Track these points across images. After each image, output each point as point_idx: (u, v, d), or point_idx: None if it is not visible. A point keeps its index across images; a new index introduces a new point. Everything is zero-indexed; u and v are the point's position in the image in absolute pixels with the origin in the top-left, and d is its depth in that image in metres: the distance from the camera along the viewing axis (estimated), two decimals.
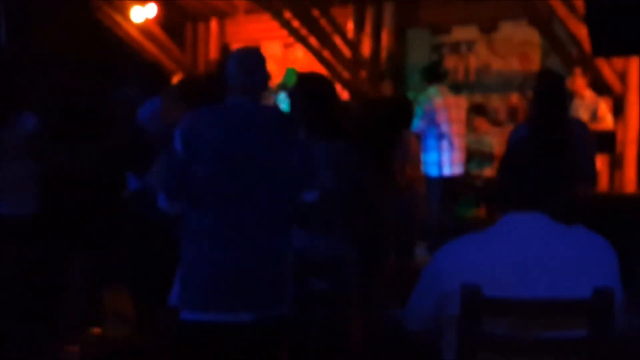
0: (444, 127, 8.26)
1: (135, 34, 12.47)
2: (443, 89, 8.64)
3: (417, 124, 8.28)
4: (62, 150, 4.22)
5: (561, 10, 8.59)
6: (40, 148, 4.34)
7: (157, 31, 12.71)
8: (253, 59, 3.52)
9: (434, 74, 8.68)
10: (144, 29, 12.49)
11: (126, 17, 12.33)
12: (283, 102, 9.21)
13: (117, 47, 12.08)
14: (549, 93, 5.02)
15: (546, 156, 2.41)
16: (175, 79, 10.86)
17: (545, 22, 9.17)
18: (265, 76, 3.51)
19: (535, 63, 9.78)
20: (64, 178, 4.20)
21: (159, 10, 12.50)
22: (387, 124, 5.70)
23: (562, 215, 2.43)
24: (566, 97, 5.20)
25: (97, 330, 4.47)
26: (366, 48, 11.23)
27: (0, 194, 4.33)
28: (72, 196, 4.20)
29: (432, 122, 8.21)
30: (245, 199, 3.27)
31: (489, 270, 2.30)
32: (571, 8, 8.52)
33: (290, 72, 10.10)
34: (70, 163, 4.20)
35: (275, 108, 3.58)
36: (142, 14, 12.27)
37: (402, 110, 5.88)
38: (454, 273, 2.34)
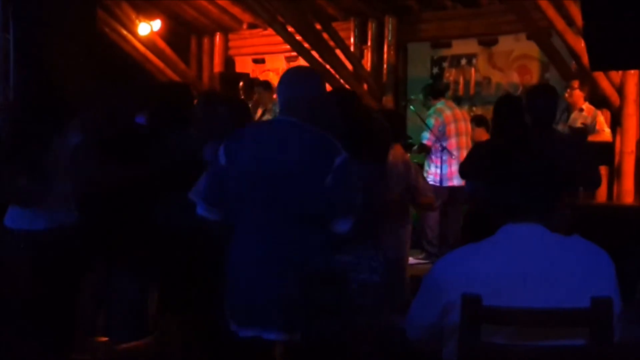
0: (453, 140, 8.40)
1: (141, 48, 12.61)
2: (450, 103, 8.80)
3: (426, 137, 8.43)
4: (108, 166, 4.30)
5: (560, 24, 8.71)
6: (82, 163, 4.40)
7: (162, 45, 12.84)
8: (299, 77, 3.52)
9: (439, 90, 8.84)
10: (149, 43, 12.62)
11: (132, 32, 12.47)
12: None
13: (123, 61, 12.21)
14: (506, 113, 5.23)
15: (539, 168, 2.48)
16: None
17: (544, 36, 9.31)
18: (311, 94, 3.45)
19: (534, 76, 9.91)
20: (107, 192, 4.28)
21: (164, 25, 12.64)
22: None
23: (559, 226, 2.50)
24: (522, 116, 5.31)
25: (104, 338, 4.54)
26: (368, 62, 11.36)
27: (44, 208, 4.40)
28: (111, 210, 4.28)
29: (443, 135, 8.36)
30: (274, 214, 3.31)
31: (489, 280, 2.36)
32: (569, 22, 8.64)
33: None
34: (115, 179, 4.29)
35: (317, 129, 3.55)
36: (147, 28, 12.41)
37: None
38: (453, 283, 2.39)
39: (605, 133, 8.33)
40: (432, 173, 8.34)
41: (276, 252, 3.30)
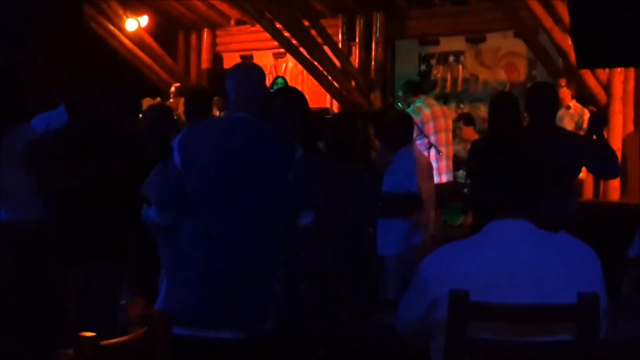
0: (432, 138, 8.40)
1: (128, 43, 12.56)
2: (430, 100, 8.80)
3: None
4: (73, 162, 4.27)
5: (547, 21, 8.74)
6: (32, 159, 4.38)
7: (150, 41, 12.80)
8: (251, 74, 3.53)
9: (419, 87, 8.84)
10: (136, 38, 12.58)
11: (119, 27, 12.43)
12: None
13: (110, 56, 12.18)
14: (502, 110, 5.27)
15: (524, 163, 2.49)
16: (173, 89, 10.99)
17: (531, 34, 9.35)
18: (264, 91, 3.51)
19: (521, 74, 9.95)
20: (76, 188, 4.25)
21: (152, 21, 12.60)
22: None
23: (546, 222, 2.51)
24: (519, 114, 5.34)
25: (90, 333, 4.51)
26: (356, 59, 11.37)
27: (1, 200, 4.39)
28: (83, 205, 4.26)
29: (421, 134, 8.36)
30: (237, 213, 3.26)
31: (476, 276, 2.37)
32: (557, 20, 8.67)
33: (279, 80, 10.20)
34: (80, 175, 4.26)
35: (274, 125, 3.56)
36: (135, 24, 12.37)
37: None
38: (441, 279, 2.40)
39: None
40: None
41: (232, 253, 3.23)
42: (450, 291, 2.35)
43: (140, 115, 6.57)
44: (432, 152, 8.29)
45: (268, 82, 11.08)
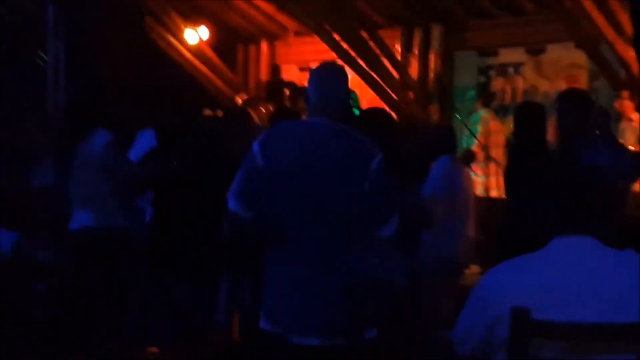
0: (494, 151, 8.37)
1: (188, 55, 12.73)
2: (492, 114, 8.77)
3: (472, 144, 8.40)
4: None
5: (609, 33, 8.62)
6: (110, 164, 4.50)
7: (209, 53, 12.95)
8: (331, 76, 3.42)
9: (488, 97, 8.81)
10: (196, 50, 12.74)
11: (180, 39, 12.60)
12: None
13: (171, 68, 12.35)
14: (527, 122, 5.13)
15: (590, 180, 2.46)
16: (240, 100, 11.10)
17: (592, 45, 9.21)
18: (344, 94, 3.40)
19: (582, 85, 9.80)
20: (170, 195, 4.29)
21: (211, 33, 12.75)
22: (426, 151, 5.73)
23: (612, 238, 2.46)
24: (544, 125, 5.17)
25: (154, 349, 4.57)
26: (414, 70, 11.33)
27: (83, 207, 4.49)
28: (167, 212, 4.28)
29: (487, 145, 8.32)
30: (313, 218, 3.22)
31: (539, 293, 2.33)
32: (619, 31, 8.55)
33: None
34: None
35: (353, 131, 3.37)
36: (195, 36, 12.53)
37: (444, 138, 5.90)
38: (503, 296, 2.36)
39: None
40: (478, 183, 8.29)
41: (316, 257, 3.23)
42: (512, 308, 2.32)
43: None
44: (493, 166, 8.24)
45: None
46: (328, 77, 3.41)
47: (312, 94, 3.36)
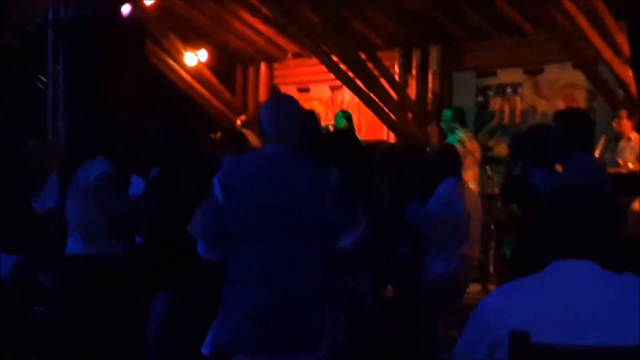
0: (469, 172, 8.43)
1: (187, 77, 12.78)
2: (469, 134, 8.86)
3: None
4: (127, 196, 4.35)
5: (607, 53, 8.67)
6: (102, 193, 4.50)
7: (208, 75, 13.00)
8: (285, 107, 3.57)
9: (464, 118, 8.91)
10: (195, 73, 12.79)
11: (179, 62, 12.65)
12: None
13: (170, 91, 12.40)
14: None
15: (595, 203, 2.45)
16: (239, 122, 11.13)
17: (590, 65, 9.26)
18: (297, 122, 3.53)
19: (581, 105, 9.82)
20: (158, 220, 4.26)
21: (210, 55, 12.80)
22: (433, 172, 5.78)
23: (611, 263, 2.46)
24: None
25: None
26: (412, 91, 11.38)
27: (74, 233, 4.49)
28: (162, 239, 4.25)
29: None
30: (281, 245, 3.32)
31: (538, 317, 2.33)
32: (616, 51, 8.59)
33: (339, 115, 10.26)
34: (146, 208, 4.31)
35: (308, 155, 3.58)
36: (194, 59, 12.58)
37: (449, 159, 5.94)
38: (501, 319, 2.36)
39: None
40: None
41: (283, 282, 3.31)
42: (511, 332, 2.32)
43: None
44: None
45: (327, 117, 11.17)
46: (279, 107, 3.57)
47: (266, 124, 3.49)
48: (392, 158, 6.24)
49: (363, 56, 11.00)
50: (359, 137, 4.88)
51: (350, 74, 11.02)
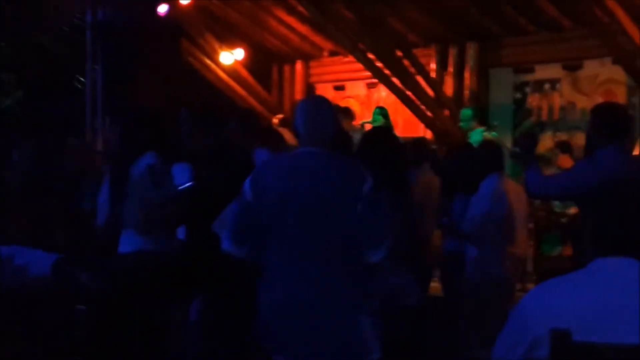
0: None
1: (223, 76, 12.84)
2: (488, 132, 8.83)
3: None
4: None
5: None
6: (146, 183, 4.55)
7: (244, 73, 13.05)
8: (319, 108, 3.55)
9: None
10: (231, 71, 12.85)
11: (215, 61, 12.72)
12: None
13: (207, 89, 12.47)
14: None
15: (630, 197, 2.41)
16: (276, 120, 11.17)
17: (630, 60, 9.13)
18: (333, 124, 3.53)
19: (621, 101, 9.68)
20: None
21: (246, 53, 12.85)
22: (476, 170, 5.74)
23: None
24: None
25: None
26: (449, 88, 11.32)
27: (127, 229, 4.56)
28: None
29: None
30: (308, 247, 3.31)
31: (579, 315, 2.32)
32: None
33: (376, 112, 10.25)
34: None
35: (344, 157, 3.57)
36: (230, 57, 12.64)
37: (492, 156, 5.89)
38: (542, 317, 2.35)
39: None
40: None
41: (309, 286, 3.29)
42: (552, 330, 2.30)
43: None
44: None
45: (363, 115, 11.15)
46: (313, 108, 3.55)
47: (300, 125, 3.49)
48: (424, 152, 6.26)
49: (399, 53, 10.96)
50: (396, 134, 4.86)
51: (387, 72, 10.98)
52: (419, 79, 10.94)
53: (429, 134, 11.20)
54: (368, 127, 9.48)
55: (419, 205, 5.48)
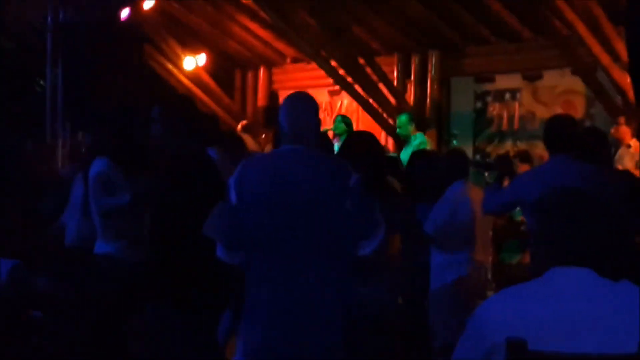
0: None
1: (185, 81, 12.79)
2: (427, 137, 8.94)
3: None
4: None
5: (605, 59, 8.68)
6: (95, 192, 4.53)
7: (207, 79, 13.01)
8: (304, 105, 3.50)
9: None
10: (194, 77, 12.80)
11: (177, 66, 12.66)
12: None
13: (168, 95, 12.40)
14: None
15: (598, 209, 2.43)
16: (240, 127, 11.13)
17: (589, 71, 9.27)
18: (316, 121, 3.49)
19: (579, 111, 9.84)
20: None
21: (209, 59, 12.82)
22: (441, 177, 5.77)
23: (609, 270, 2.45)
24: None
25: None
26: (411, 96, 11.38)
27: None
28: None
29: None
30: (298, 245, 3.25)
31: (535, 323, 2.32)
32: (615, 57, 8.60)
33: (338, 120, 10.26)
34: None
35: (327, 154, 3.55)
36: (192, 63, 12.59)
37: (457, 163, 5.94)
38: (498, 325, 2.36)
39: None
40: None
41: (302, 286, 3.25)
42: (508, 339, 2.31)
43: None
44: None
45: (325, 122, 11.16)
46: (299, 105, 3.50)
47: (285, 122, 3.43)
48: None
49: (362, 61, 11.00)
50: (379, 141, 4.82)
51: (349, 79, 11.03)
52: (382, 87, 10.99)
53: (390, 142, 11.26)
54: (330, 134, 9.50)
55: None
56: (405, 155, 8.35)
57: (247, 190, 3.31)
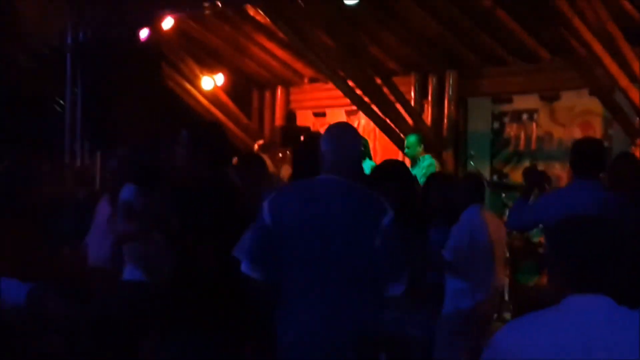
0: None
1: (203, 101, 12.84)
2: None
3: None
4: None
5: (623, 80, 8.65)
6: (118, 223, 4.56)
7: (225, 99, 13.06)
8: (344, 135, 3.53)
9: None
10: (212, 96, 12.86)
11: (195, 86, 12.72)
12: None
13: (187, 114, 12.45)
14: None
15: (617, 237, 2.42)
16: (256, 146, 11.16)
17: (606, 92, 9.23)
18: (357, 153, 3.52)
19: (597, 132, 9.80)
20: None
21: (227, 79, 12.87)
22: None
23: (627, 298, 2.44)
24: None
25: None
26: (428, 116, 11.38)
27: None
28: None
29: None
30: (328, 274, 3.29)
31: (552, 352, 2.32)
32: (633, 78, 8.57)
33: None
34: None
35: (365, 188, 3.50)
36: (210, 83, 12.65)
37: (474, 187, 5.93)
38: (516, 354, 2.36)
39: None
40: None
41: (326, 314, 3.29)
42: None
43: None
44: None
45: None
46: (344, 136, 3.52)
47: (328, 152, 3.44)
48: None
49: (379, 81, 11.02)
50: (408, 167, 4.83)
51: (366, 99, 11.04)
52: (399, 107, 10.99)
53: (407, 162, 11.25)
54: None
55: None
56: None
57: (282, 213, 3.37)
